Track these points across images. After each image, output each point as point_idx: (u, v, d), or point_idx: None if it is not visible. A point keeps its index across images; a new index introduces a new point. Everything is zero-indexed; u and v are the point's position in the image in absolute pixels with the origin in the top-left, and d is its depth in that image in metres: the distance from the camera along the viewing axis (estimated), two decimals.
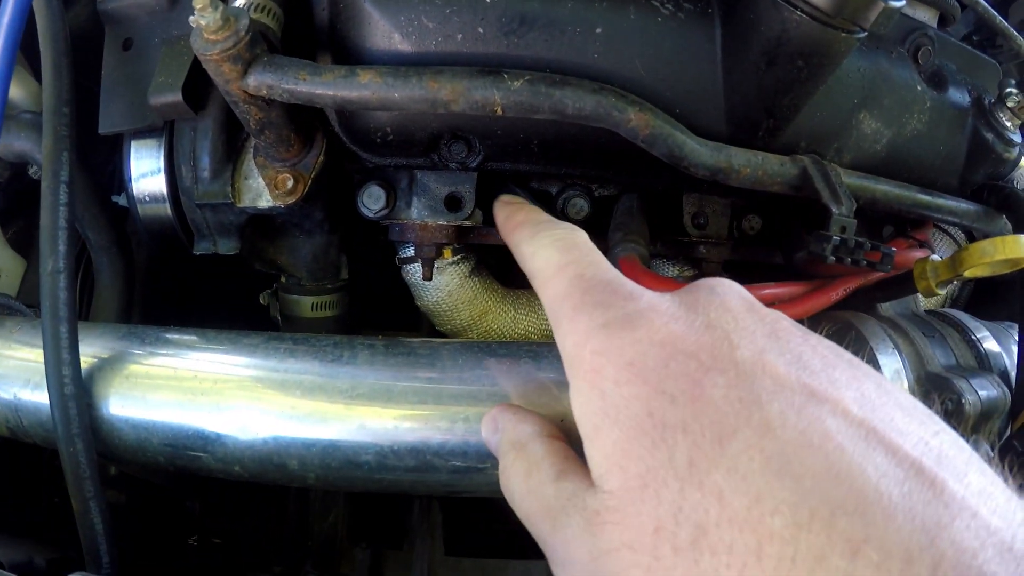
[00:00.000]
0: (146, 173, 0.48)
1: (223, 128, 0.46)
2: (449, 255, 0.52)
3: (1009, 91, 0.54)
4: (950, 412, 0.45)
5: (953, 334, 0.53)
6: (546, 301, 0.32)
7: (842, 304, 0.52)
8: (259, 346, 0.42)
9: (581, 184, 0.51)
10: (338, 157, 0.47)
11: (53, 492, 0.57)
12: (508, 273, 0.57)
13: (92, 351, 0.42)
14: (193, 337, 0.43)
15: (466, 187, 0.46)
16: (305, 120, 0.45)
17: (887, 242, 0.57)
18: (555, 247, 0.33)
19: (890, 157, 0.51)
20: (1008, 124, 0.55)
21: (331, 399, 0.38)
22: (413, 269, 0.53)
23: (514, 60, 0.41)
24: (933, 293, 0.50)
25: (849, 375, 0.26)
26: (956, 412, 0.45)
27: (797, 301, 0.49)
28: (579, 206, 0.50)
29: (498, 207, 0.39)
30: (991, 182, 0.58)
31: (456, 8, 0.40)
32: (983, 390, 0.46)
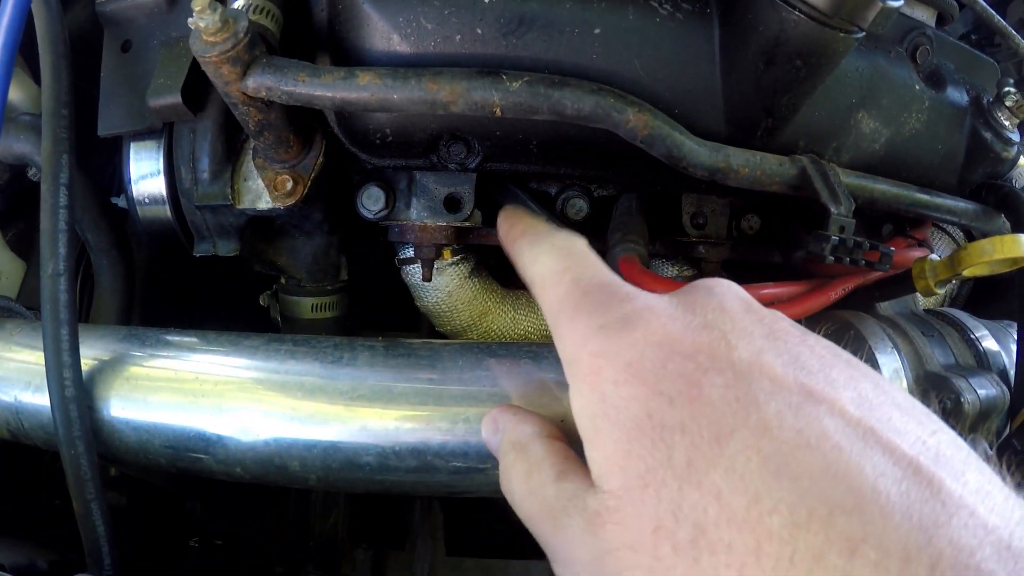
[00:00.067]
0: (145, 175, 0.48)
1: (222, 130, 0.46)
2: (448, 256, 0.52)
3: (1007, 90, 0.54)
4: (949, 411, 0.45)
5: (952, 333, 0.53)
6: (545, 306, 0.32)
7: (841, 303, 0.52)
8: (260, 348, 0.42)
9: (580, 184, 0.51)
10: (337, 158, 0.47)
11: (54, 494, 0.57)
12: (508, 274, 0.57)
13: (93, 353, 0.42)
14: (194, 339, 0.44)
15: (465, 188, 0.47)
16: (304, 121, 0.45)
17: (886, 241, 0.57)
18: (553, 254, 0.33)
19: (888, 156, 0.51)
20: (1006, 123, 0.55)
21: (332, 400, 0.38)
22: (413, 270, 0.53)
23: (513, 61, 0.41)
24: (932, 292, 0.50)
25: (847, 375, 0.26)
26: (955, 411, 0.45)
27: (796, 301, 0.49)
28: (578, 206, 0.50)
29: (500, 219, 0.39)
30: (990, 181, 0.58)
31: (454, 9, 0.40)
32: (982, 389, 0.46)
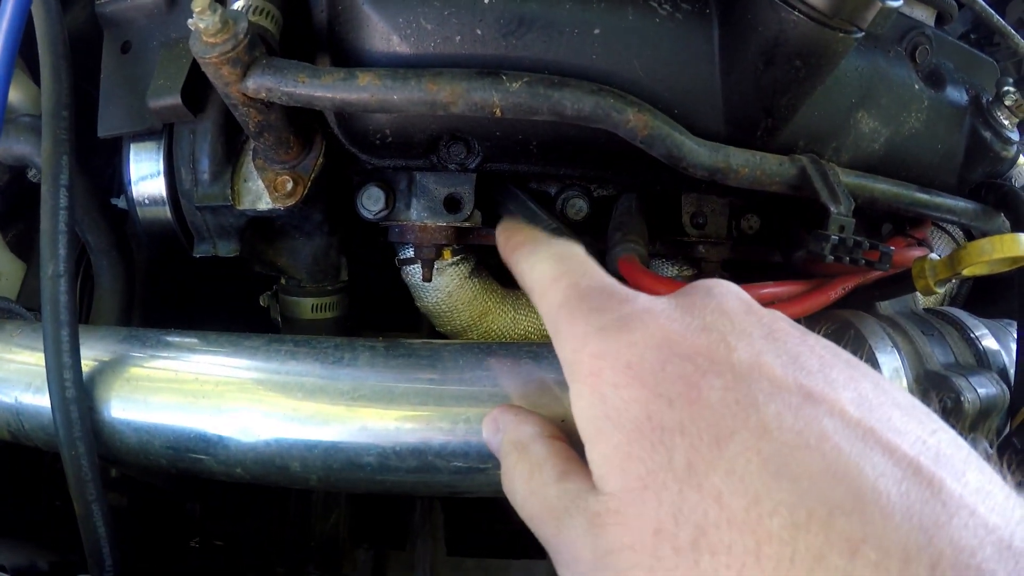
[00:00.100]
0: (145, 176, 0.48)
1: (222, 131, 0.46)
2: (449, 256, 0.52)
3: (1007, 89, 0.54)
4: (949, 410, 0.45)
5: (952, 332, 0.53)
6: (544, 311, 0.32)
7: (841, 303, 0.52)
8: (260, 348, 0.42)
9: (580, 184, 0.51)
10: (337, 159, 0.47)
11: (55, 495, 0.57)
12: (507, 274, 0.57)
13: (93, 354, 0.42)
14: (194, 340, 0.44)
15: (465, 188, 0.47)
16: (304, 122, 0.45)
17: (886, 241, 0.57)
18: (551, 260, 0.33)
19: (888, 156, 0.51)
20: (1006, 122, 0.55)
21: (333, 401, 0.39)
22: (413, 270, 0.53)
23: (513, 61, 0.41)
24: (932, 292, 0.50)
25: (847, 375, 0.26)
26: (955, 410, 0.45)
27: (796, 300, 0.49)
28: (578, 206, 0.50)
29: (499, 231, 0.39)
30: (989, 180, 0.58)
31: (454, 10, 0.40)
32: (982, 388, 0.47)
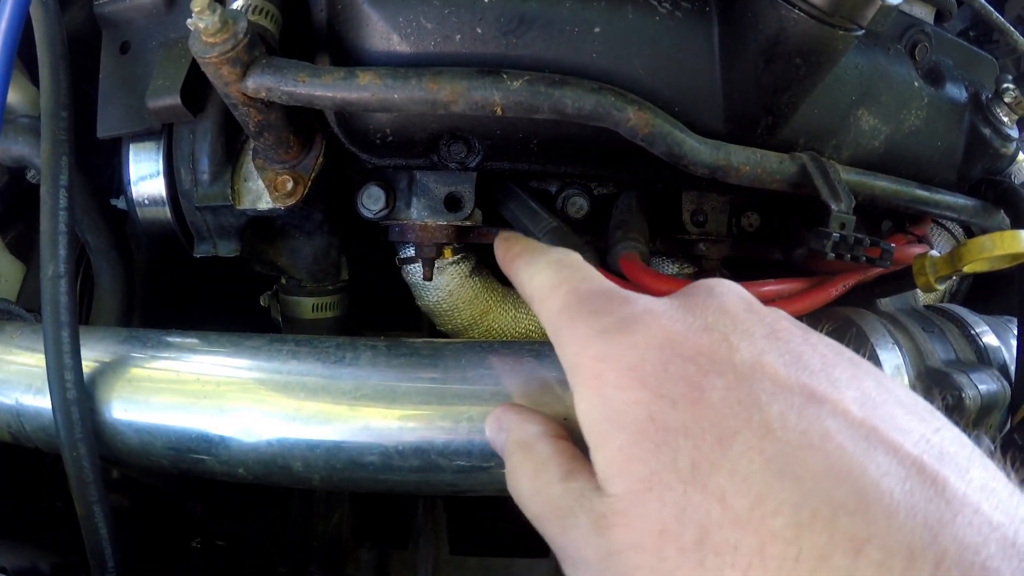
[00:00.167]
0: (145, 176, 0.48)
1: (222, 130, 0.46)
2: (449, 255, 0.52)
3: (1006, 86, 0.54)
4: (951, 407, 0.45)
5: (952, 329, 0.53)
6: (545, 318, 0.32)
7: (841, 300, 0.52)
8: (261, 348, 0.42)
9: (580, 183, 0.51)
10: (337, 158, 0.47)
11: (56, 497, 0.56)
12: None
13: (94, 355, 0.42)
14: (195, 340, 0.43)
15: (466, 187, 0.47)
16: (304, 122, 0.45)
17: (886, 238, 0.57)
18: (549, 268, 0.34)
19: (888, 153, 0.51)
20: (1005, 119, 0.55)
21: (335, 400, 0.38)
22: (413, 269, 0.53)
23: (513, 60, 0.41)
24: (932, 288, 0.50)
25: (849, 374, 0.26)
26: (956, 407, 0.45)
27: (797, 298, 0.49)
28: (578, 204, 0.50)
29: (497, 242, 0.39)
30: (989, 177, 0.58)
31: (454, 9, 0.40)
32: (983, 384, 0.47)
